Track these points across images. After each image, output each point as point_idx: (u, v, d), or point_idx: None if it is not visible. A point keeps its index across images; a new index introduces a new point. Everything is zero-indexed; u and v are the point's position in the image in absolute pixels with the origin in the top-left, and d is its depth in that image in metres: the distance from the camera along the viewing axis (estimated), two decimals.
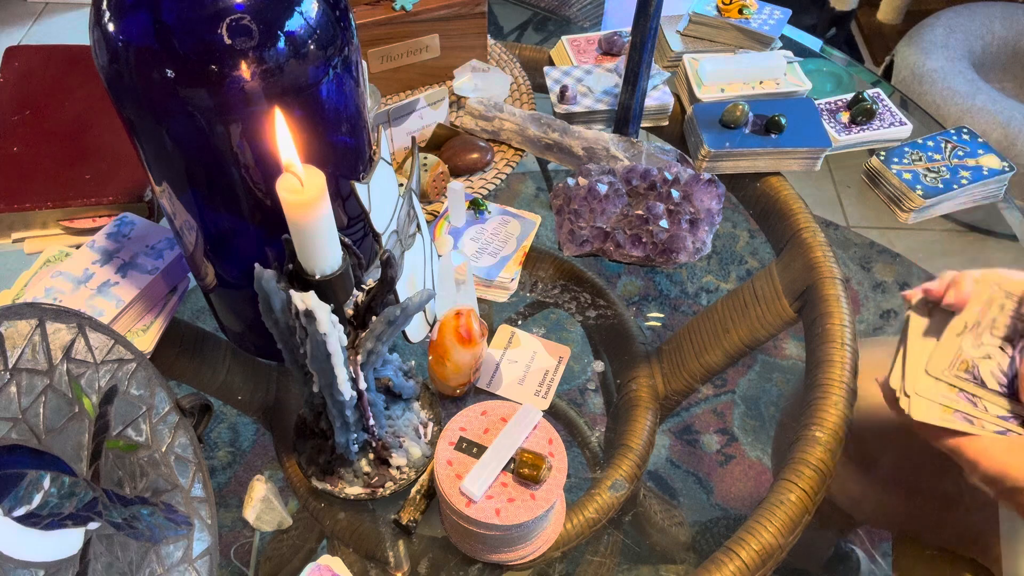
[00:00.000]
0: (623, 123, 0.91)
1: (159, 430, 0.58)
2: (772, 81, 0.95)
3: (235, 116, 0.51)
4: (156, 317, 0.73)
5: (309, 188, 0.46)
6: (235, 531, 0.66)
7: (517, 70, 1.00)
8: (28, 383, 0.51)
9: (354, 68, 0.57)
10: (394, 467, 0.64)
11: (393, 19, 0.90)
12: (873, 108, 0.92)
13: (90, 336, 0.55)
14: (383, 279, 0.55)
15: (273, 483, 0.65)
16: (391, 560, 0.63)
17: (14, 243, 0.81)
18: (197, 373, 0.76)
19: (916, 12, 2.08)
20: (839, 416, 0.67)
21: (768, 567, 0.60)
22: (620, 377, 0.76)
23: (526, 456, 0.57)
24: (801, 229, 0.82)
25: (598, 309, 0.80)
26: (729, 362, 0.79)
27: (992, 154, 0.89)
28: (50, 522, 0.50)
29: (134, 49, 0.50)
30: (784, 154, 0.88)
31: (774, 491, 0.64)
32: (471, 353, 0.66)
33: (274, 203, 0.50)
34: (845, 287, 0.76)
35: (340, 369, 0.53)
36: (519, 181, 0.98)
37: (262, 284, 0.49)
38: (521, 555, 0.61)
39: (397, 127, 0.86)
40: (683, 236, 0.77)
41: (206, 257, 0.64)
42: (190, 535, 0.56)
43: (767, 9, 1.02)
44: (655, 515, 0.72)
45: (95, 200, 0.80)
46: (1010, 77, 1.87)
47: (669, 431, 0.79)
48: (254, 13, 0.49)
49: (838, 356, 0.70)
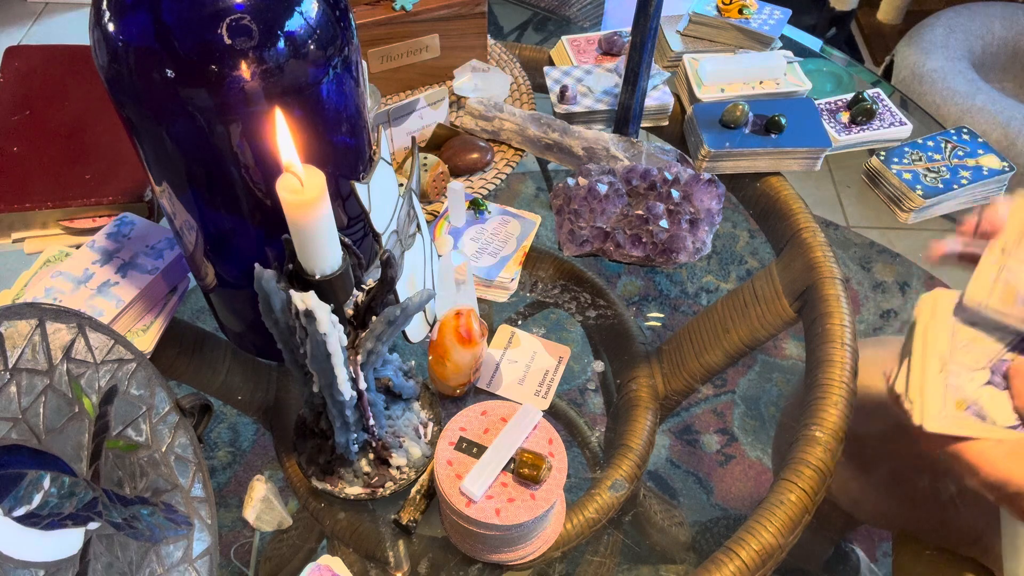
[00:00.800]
0: (623, 123, 0.90)
1: (159, 430, 0.58)
2: (772, 81, 0.95)
3: (235, 116, 0.51)
4: (156, 317, 0.73)
5: (309, 188, 0.46)
6: (235, 531, 0.66)
7: (517, 70, 1.00)
8: (28, 383, 0.51)
9: (354, 68, 0.57)
10: (394, 467, 0.64)
11: (393, 19, 0.90)
12: (873, 108, 0.92)
13: (90, 336, 0.55)
14: (383, 279, 0.55)
15: (273, 483, 0.65)
16: (391, 560, 0.63)
17: (14, 243, 0.81)
18: (197, 373, 0.76)
19: (916, 12, 2.08)
20: (839, 416, 0.67)
21: (768, 567, 0.60)
22: (620, 377, 0.76)
23: (526, 456, 0.57)
24: (801, 229, 0.82)
25: (598, 309, 0.80)
26: (729, 362, 0.79)
27: (992, 154, 0.89)
28: (50, 522, 0.50)
29: (134, 49, 0.50)
30: (784, 154, 0.88)
31: (774, 491, 0.64)
32: (471, 353, 0.66)
33: (274, 203, 0.50)
34: (845, 287, 0.76)
35: (340, 369, 0.53)
36: (519, 181, 0.98)
37: (262, 284, 0.50)
38: (521, 555, 0.61)
39: (397, 127, 0.86)
40: (683, 236, 0.77)
41: (206, 257, 0.64)
42: (190, 535, 0.56)
43: (767, 9, 1.02)
44: (655, 515, 0.72)
45: (95, 200, 0.80)
46: (1010, 77, 1.87)
47: (669, 431, 0.79)
48: (254, 13, 0.49)
49: (838, 356, 0.70)
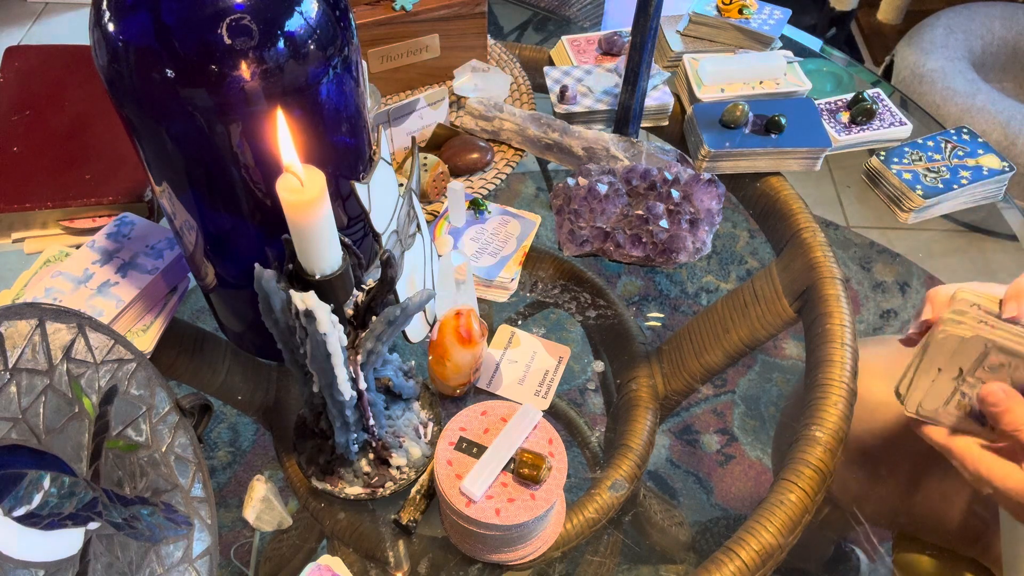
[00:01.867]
0: (623, 123, 0.90)
1: (159, 430, 0.58)
2: (772, 81, 0.95)
3: (235, 116, 0.51)
4: (156, 317, 0.73)
5: (309, 188, 0.46)
6: (235, 531, 0.66)
7: (517, 70, 1.00)
8: (28, 383, 0.51)
9: (354, 68, 0.57)
10: (394, 467, 0.64)
11: (393, 19, 0.90)
12: (873, 108, 0.92)
13: (90, 336, 0.55)
14: (383, 279, 0.55)
15: (273, 483, 0.65)
16: (391, 560, 0.63)
17: (14, 243, 0.81)
18: (197, 373, 0.75)
19: (916, 12, 2.08)
20: (839, 416, 0.67)
21: (768, 567, 0.60)
22: (620, 377, 0.76)
23: (526, 456, 0.57)
24: (801, 229, 0.82)
25: (598, 309, 0.80)
26: (729, 362, 0.79)
27: (992, 154, 0.89)
28: (50, 522, 0.50)
29: (134, 49, 0.50)
30: (784, 154, 0.88)
31: (774, 491, 0.64)
32: (471, 353, 0.66)
33: (274, 203, 0.50)
34: (845, 287, 0.76)
35: (340, 369, 0.53)
36: (519, 181, 0.98)
37: (262, 284, 0.50)
38: (521, 555, 0.60)
39: (397, 127, 0.86)
40: (683, 236, 0.77)
41: (206, 257, 0.64)
42: (190, 535, 0.56)
43: (767, 9, 1.02)
44: (655, 515, 0.72)
45: (95, 200, 0.80)
46: (1010, 77, 1.87)
47: (669, 431, 0.79)
48: (254, 13, 0.49)
49: (838, 356, 0.70)
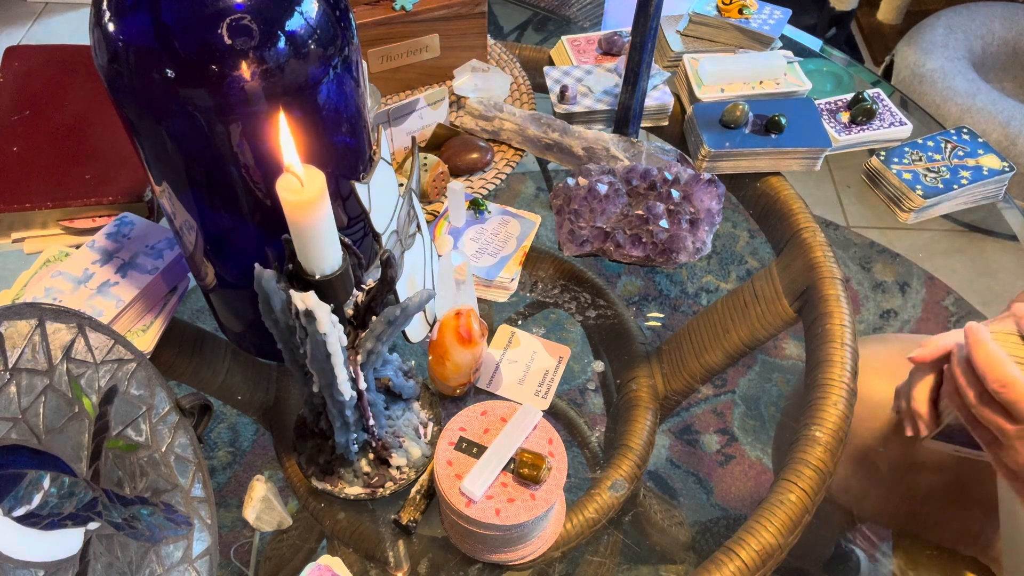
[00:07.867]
0: (623, 123, 0.90)
1: (159, 430, 0.58)
2: (772, 81, 0.95)
3: (235, 116, 0.51)
4: (156, 317, 0.73)
5: (309, 188, 0.46)
6: (235, 531, 0.66)
7: (517, 70, 1.00)
8: (28, 383, 0.51)
9: (354, 68, 0.57)
10: (394, 467, 0.64)
11: (393, 19, 0.90)
12: (873, 108, 0.92)
13: (90, 336, 0.55)
14: (383, 279, 0.55)
15: (273, 483, 0.65)
16: (391, 560, 0.63)
17: (14, 243, 0.81)
18: (197, 373, 0.75)
19: (916, 12, 2.08)
20: (839, 416, 0.67)
21: (768, 567, 0.60)
22: (620, 377, 0.76)
23: (526, 456, 0.57)
24: (801, 229, 0.82)
25: (598, 309, 0.80)
26: (729, 362, 0.79)
27: (992, 154, 0.89)
28: (50, 522, 0.50)
29: (134, 49, 0.50)
30: (784, 154, 0.88)
31: (774, 491, 0.64)
32: (471, 353, 0.66)
33: (274, 203, 0.50)
34: (845, 287, 0.76)
35: (340, 369, 0.53)
36: (519, 181, 0.98)
37: (262, 284, 0.50)
38: (521, 555, 0.61)
39: (397, 127, 0.85)
40: (683, 236, 0.77)
41: (206, 257, 0.64)
42: (190, 535, 0.56)
43: (767, 9, 1.02)
44: (655, 515, 0.72)
45: (95, 200, 0.80)
46: (1010, 77, 1.87)
47: (669, 431, 0.79)
48: (254, 13, 0.49)
49: (838, 356, 0.70)
